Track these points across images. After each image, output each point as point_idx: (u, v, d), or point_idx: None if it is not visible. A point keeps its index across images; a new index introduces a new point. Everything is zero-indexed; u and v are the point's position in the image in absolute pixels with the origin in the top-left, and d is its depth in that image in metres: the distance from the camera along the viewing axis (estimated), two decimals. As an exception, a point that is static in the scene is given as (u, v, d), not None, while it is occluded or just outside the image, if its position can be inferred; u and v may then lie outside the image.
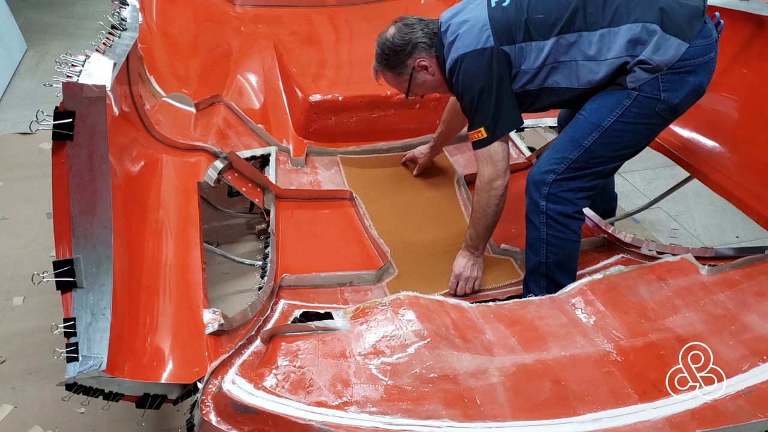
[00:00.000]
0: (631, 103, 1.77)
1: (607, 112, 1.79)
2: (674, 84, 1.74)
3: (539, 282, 1.95)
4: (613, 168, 1.90)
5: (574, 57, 1.80)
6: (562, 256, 1.91)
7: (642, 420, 1.24)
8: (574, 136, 1.85)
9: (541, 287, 1.94)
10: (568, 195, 1.86)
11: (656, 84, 1.74)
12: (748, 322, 1.49)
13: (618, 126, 1.79)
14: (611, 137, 1.81)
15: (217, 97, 2.71)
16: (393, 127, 2.88)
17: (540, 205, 1.88)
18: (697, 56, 1.73)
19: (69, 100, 1.30)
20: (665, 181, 3.19)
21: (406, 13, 2.33)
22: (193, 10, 3.23)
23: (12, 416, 1.95)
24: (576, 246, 1.93)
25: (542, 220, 1.89)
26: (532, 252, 1.95)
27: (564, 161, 1.85)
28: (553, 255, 1.90)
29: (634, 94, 1.76)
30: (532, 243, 1.94)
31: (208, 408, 1.26)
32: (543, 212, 1.88)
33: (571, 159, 1.84)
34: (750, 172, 2.04)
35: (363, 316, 1.46)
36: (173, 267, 1.68)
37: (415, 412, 1.22)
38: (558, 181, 1.85)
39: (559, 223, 1.88)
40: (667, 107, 1.77)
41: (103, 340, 1.24)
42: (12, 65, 4.33)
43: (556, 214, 1.87)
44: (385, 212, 2.47)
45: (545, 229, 1.89)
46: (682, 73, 1.74)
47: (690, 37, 1.70)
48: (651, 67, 1.72)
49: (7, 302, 2.38)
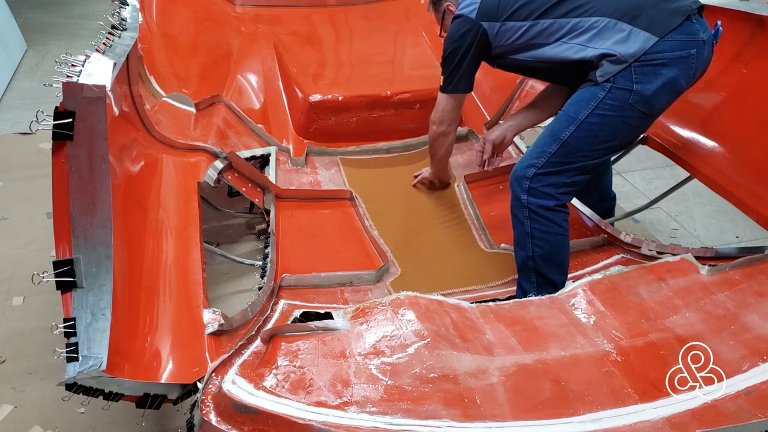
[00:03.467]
0: (606, 95, 1.83)
1: (584, 105, 1.86)
2: (647, 76, 1.79)
3: (529, 277, 1.96)
4: (595, 164, 1.93)
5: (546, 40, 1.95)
6: (548, 249, 1.93)
7: (642, 420, 1.24)
8: (553, 131, 1.91)
9: (531, 282, 1.95)
10: (548, 189, 1.90)
11: (629, 76, 1.80)
12: (748, 322, 1.49)
13: (594, 119, 1.84)
14: (588, 130, 1.85)
15: (217, 97, 2.71)
16: (393, 127, 2.88)
17: (522, 199, 1.92)
18: (672, 50, 1.78)
19: (69, 100, 1.30)
20: (665, 181, 3.19)
21: (406, 13, 2.35)
22: (193, 10, 3.22)
23: (12, 416, 1.95)
24: (562, 240, 1.95)
25: (525, 215, 1.93)
26: (519, 247, 1.98)
27: (543, 155, 1.90)
28: (539, 248, 1.93)
29: (608, 86, 1.82)
30: (518, 238, 1.97)
31: (208, 408, 1.25)
32: (525, 206, 1.92)
33: (550, 153, 1.89)
34: (750, 172, 2.04)
35: (363, 316, 1.46)
36: (173, 267, 1.68)
37: (415, 412, 1.22)
38: (538, 175, 1.90)
39: (542, 216, 1.91)
40: (641, 99, 1.81)
41: (103, 340, 1.24)
42: (12, 65, 4.33)
43: (537, 208, 1.90)
44: (386, 212, 2.47)
45: (529, 222, 1.92)
46: (655, 65, 1.78)
47: (662, 32, 1.77)
48: (616, 59, 1.80)
49: (7, 302, 2.38)
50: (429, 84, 2.93)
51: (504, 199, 2.51)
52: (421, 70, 3.13)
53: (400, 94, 2.85)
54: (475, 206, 2.50)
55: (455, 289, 2.11)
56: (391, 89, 2.87)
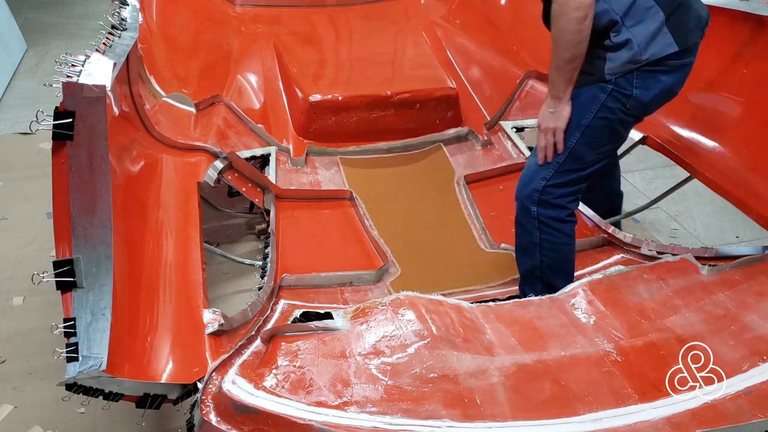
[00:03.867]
0: (606, 98, 1.77)
1: (586, 110, 1.80)
2: (647, 81, 1.74)
3: (534, 286, 1.94)
4: (596, 170, 1.89)
5: None
6: (556, 259, 1.91)
7: (642, 420, 1.24)
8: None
9: (536, 291, 1.92)
10: (559, 201, 1.86)
11: (630, 80, 1.75)
12: (748, 322, 1.49)
13: (597, 123, 1.79)
14: (591, 135, 1.81)
15: (217, 97, 2.71)
16: (393, 127, 2.88)
17: (531, 211, 1.87)
18: (676, 59, 1.73)
19: (69, 100, 1.30)
20: (665, 181, 3.19)
21: (406, 13, 2.30)
22: (193, 10, 3.23)
23: (12, 416, 1.95)
24: (570, 249, 1.93)
25: (534, 225, 1.88)
26: (526, 255, 1.94)
27: (552, 165, 1.85)
28: (547, 258, 1.90)
29: (608, 88, 1.76)
30: (525, 246, 1.93)
31: (208, 408, 1.26)
32: (534, 218, 1.88)
33: (558, 162, 1.84)
34: (750, 172, 2.04)
35: (363, 316, 1.46)
36: (173, 267, 1.68)
37: (415, 412, 1.22)
38: (549, 187, 1.85)
39: (553, 228, 1.87)
40: (637, 104, 1.77)
41: (103, 340, 1.24)
42: (12, 65, 4.33)
43: (548, 219, 1.87)
44: (386, 212, 2.47)
45: (538, 233, 1.88)
46: (657, 72, 1.74)
47: (683, 44, 1.70)
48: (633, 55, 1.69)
49: (7, 302, 2.38)
50: (429, 84, 2.93)
51: (504, 199, 2.51)
52: (421, 70, 3.13)
53: (400, 94, 2.85)
54: (475, 206, 2.49)
55: (455, 289, 2.11)
56: (391, 89, 2.86)
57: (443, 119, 2.92)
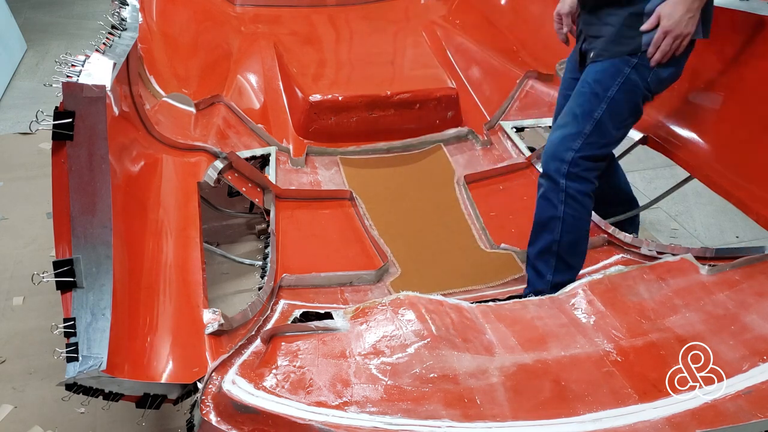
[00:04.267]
0: (631, 71, 1.81)
1: (611, 81, 1.82)
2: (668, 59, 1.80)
3: (549, 261, 1.91)
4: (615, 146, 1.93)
5: None
6: (576, 236, 1.90)
7: (642, 420, 1.24)
8: (584, 109, 1.85)
9: (549, 266, 1.91)
10: (587, 174, 1.86)
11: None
12: (748, 322, 1.49)
13: (621, 96, 1.82)
14: (615, 107, 1.83)
15: (217, 97, 2.71)
16: (393, 127, 2.88)
17: (560, 183, 1.86)
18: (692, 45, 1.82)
19: (69, 100, 1.30)
20: (665, 181, 3.19)
21: (406, 13, 2.29)
22: (193, 10, 3.23)
23: (12, 416, 1.95)
24: (587, 228, 1.93)
25: (561, 199, 1.87)
26: (546, 230, 1.92)
27: (580, 136, 1.84)
28: (567, 234, 1.89)
29: (634, 62, 1.80)
30: (546, 221, 1.91)
31: (208, 408, 1.26)
32: (563, 190, 1.86)
33: (586, 133, 1.84)
34: (750, 172, 2.04)
35: (363, 316, 1.46)
36: (173, 267, 1.68)
37: (415, 412, 1.22)
38: (577, 159, 1.84)
39: (579, 202, 1.87)
40: (656, 79, 1.83)
41: (103, 340, 1.24)
42: (12, 65, 4.33)
43: (576, 193, 1.86)
44: (386, 212, 2.47)
45: (563, 207, 1.87)
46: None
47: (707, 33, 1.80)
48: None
49: (7, 302, 2.38)
50: (429, 84, 2.93)
51: (504, 199, 2.52)
52: (421, 70, 3.13)
53: (400, 94, 2.85)
54: (475, 206, 2.49)
55: (455, 289, 2.11)
56: (391, 89, 2.87)
57: (443, 119, 2.92)
